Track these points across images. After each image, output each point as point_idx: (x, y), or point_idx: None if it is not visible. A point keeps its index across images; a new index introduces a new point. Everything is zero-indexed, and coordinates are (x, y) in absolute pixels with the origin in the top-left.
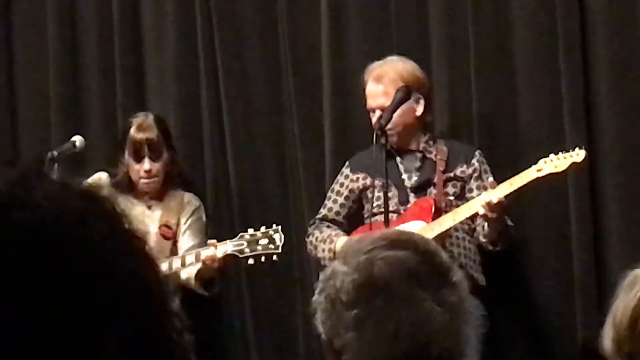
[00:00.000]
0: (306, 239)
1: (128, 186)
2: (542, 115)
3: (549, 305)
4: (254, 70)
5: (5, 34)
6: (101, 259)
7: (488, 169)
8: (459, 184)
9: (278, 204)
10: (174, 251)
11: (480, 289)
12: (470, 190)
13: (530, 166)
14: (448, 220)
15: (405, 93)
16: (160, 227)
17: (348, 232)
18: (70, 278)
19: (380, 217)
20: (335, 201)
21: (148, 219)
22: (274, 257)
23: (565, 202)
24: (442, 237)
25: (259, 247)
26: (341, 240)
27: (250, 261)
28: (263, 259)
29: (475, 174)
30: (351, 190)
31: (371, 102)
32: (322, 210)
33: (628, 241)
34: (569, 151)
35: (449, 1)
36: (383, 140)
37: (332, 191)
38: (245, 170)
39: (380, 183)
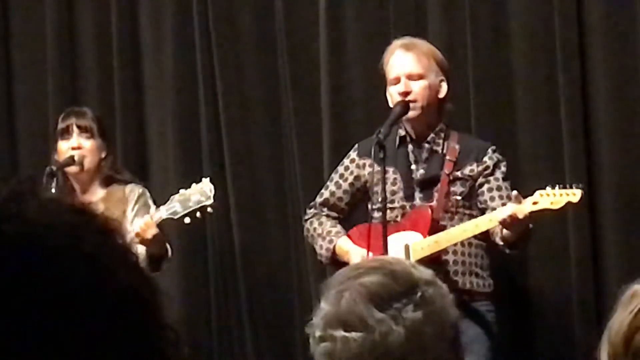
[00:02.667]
0: (304, 223)
1: (68, 188)
2: (540, 128)
3: (547, 317)
4: (253, 83)
5: (3, 47)
6: (94, 271)
7: (503, 164)
8: (467, 183)
9: (276, 215)
10: None
11: (484, 296)
12: (481, 186)
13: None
14: (443, 241)
15: (403, 107)
16: None
17: (349, 221)
18: (61, 289)
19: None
20: (338, 185)
21: None
22: (208, 209)
23: (564, 215)
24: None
25: (191, 204)
26: (341, 241)
27: (187, 220)
28: (198, 214)
29: (487, 171)
30: (356, 178)
31: (398, 70)
32: (323, 191)
33: (626, 253)
34: (566, 187)
35: (447, 15)
36: (381, 155)
37: (336, 173)
38: (243, 185)
39: (387, 174)
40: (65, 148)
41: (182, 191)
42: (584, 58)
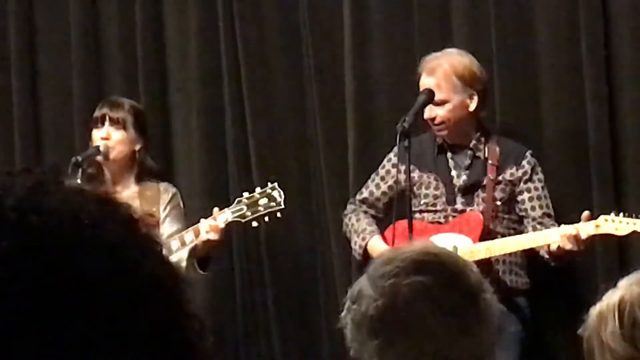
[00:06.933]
0: (343, 218)
1: (99, 178)
2: (565, 117)
3: (576, 312)
4: (277, 74)
5: (29, 39)
6: (118, 261)
7: (540, 170)
8: (507, 188)
9: (301, 204)
10: None
11: (522, 292)
12: (521, 193)
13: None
14: (496, 248)
15: (428, 96)
16: None
17: (384, 221)
18: (86, 280)
19: (426, 215)
20: (378, 186)
21: None
22: (278, 215)
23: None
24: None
25: (260, 208)
26: (373, 241)
27: (254, 224)
28: (267, 218)
29: (525, 177)
30: (396, 181)
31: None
32: (363, 190)
33: None
34: (632, 216)
35: (471, 4)
36: (406, 143)
37: (377, 174)
38: (267, 174)
39: (429, 179)
40: (97, 137)
41: (246, 194)
42: (609, 46)
